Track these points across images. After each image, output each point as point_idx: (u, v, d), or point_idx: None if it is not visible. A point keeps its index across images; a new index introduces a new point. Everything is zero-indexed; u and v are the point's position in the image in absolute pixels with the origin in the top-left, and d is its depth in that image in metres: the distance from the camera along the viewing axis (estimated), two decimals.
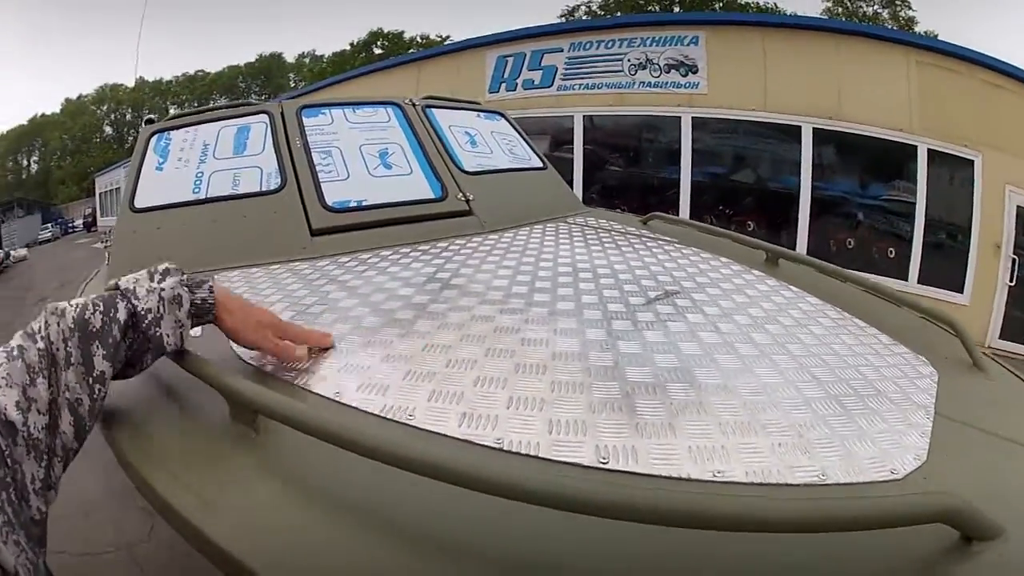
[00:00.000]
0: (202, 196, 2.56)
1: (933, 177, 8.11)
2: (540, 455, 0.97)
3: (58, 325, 0.91)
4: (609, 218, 3.05)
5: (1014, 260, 7.91)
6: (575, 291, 1.73)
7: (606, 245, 2.37)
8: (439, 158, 2.92)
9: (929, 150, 7.98)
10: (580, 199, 4.36)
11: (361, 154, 2.84)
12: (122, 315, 0.98)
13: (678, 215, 8.97)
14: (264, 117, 2.85)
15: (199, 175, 2.66)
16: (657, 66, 9.25)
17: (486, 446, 0.99)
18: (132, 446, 1.05)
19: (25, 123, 78.78)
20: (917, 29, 25.10)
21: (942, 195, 8.21)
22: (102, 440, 1.08)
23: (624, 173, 10.22)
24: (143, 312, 1.01)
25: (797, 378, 1.24)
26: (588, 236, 2.55)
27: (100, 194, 38.46)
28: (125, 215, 2.57)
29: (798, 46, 8.57)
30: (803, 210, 8.64)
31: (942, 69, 7.91)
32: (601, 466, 0.94)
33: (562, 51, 10.03)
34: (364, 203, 2.63)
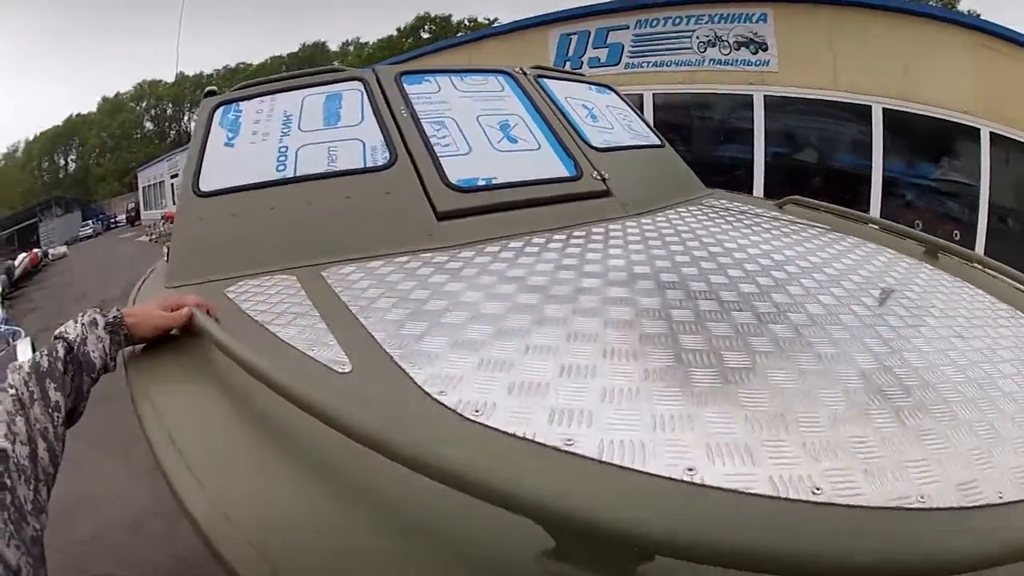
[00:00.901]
0: (290, 174, 2.22)
1: (996, 160, 8.05)
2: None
3: (19, 374, 1.05)
4: (742, 200, 2.80)
5: None
6: (777, 283, 1.57)
7: (762, 231, 2.17)
8: (566, 132, 2.62)
9: (991, 134, 7.93)
10: None
11: (480, 125, 2.50)
12: (61, 351, 1.15)
13: (752, 194, 9.14)
14: (358, 84, 2.54)
15: (283, 150, 2.31)
16: (727, 43, 9.25)
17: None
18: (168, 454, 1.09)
19: (60, 124, 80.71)
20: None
21: (1006, 179, 8.19)
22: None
23: (691, 152, 9.83)
24: (73, 338, 1.19)
25: None
26: (735, 220, 2.34)
27: (143, 188, 39.15)
28: (188, 201, 2.20)
29: (864, 25, 8.48)
30: (875, 190, 8.61)
31: (1001, 53, 7.88)
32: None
33: (628, 28, 9.94)
34: (494, 181, 2.30)
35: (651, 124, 3.27)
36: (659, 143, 3.10)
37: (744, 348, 1.19)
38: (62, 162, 79.27)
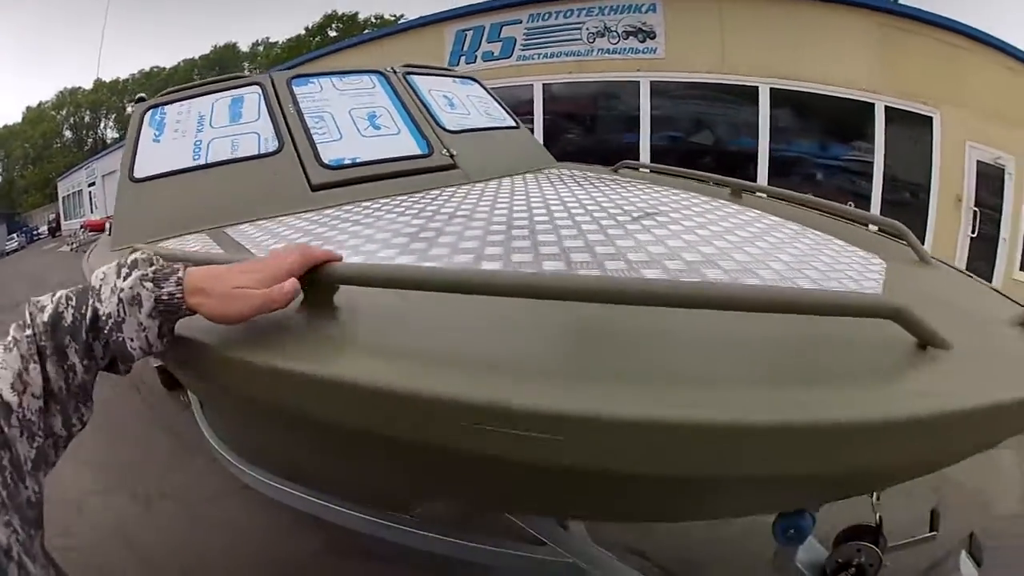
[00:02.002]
0: (203, 161, 2.77)
1: (891, 135, 8.37)
2: None
3: (40, 318, 0.93)
4: (582, 168, 3.30)
5: (975, 213, 8.20)
6: (569, 214, 1.97)
7: (585, 186, 2.56)
8: (423, 119, 3.15)
9: (887, 107, 8.24)
10: None
11: (351, 117, 3.06)
12: (88, 314, 0.94)
13: None
14: (256, 88, 3.07)
15: (198, 143, 2.87)
16: (615, 33, 9.48)
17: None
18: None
19: None
20: None
21: (901, 152, 8.50)
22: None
23: (586, 140, 10.51)
24: (104, 317, 0.95)
25: (766, 259, 1.50)
26: (567, 181, 2.75)
27: (63, 198, 38.15)
28: (125, 186, 2.79)
29: (756, 9, 8.75)
30: (761, 169, 8.90)
31: (902, 31, 8.14)
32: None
33: (521, 22, 10.24)
34: (358, 159, 2.85)
35: (509, 110, 3.79)
36: (514, 125, 3.67)
37: (533, 249, 1.60)
38: None
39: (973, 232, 8.21)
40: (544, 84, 10.29)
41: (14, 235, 44.51)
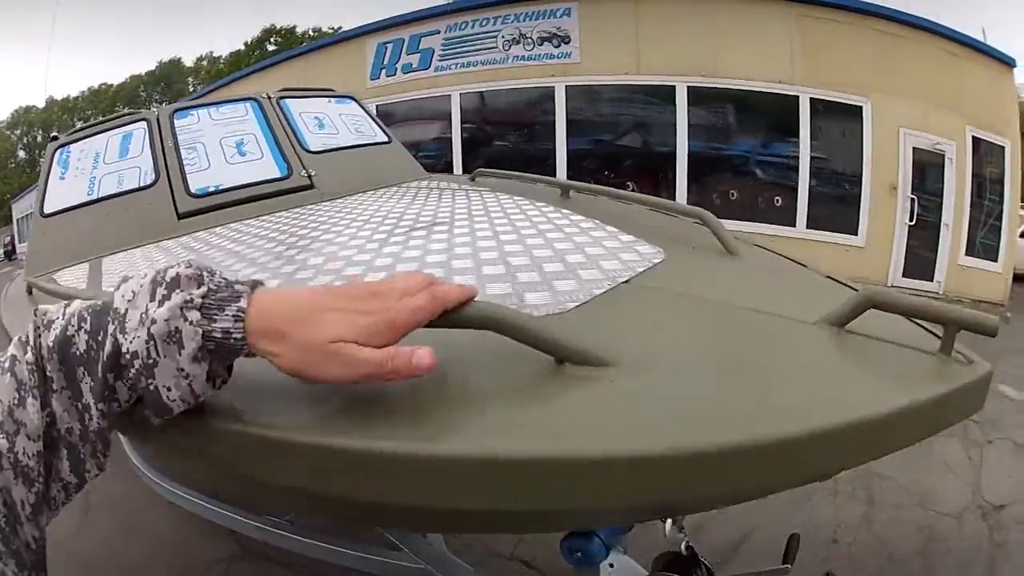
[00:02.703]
0: (95, 196, 3.05)
1: (817, 126, 8.34)
2: None
3: (44, 339, 0.73)
4: (441, 180, 3.43)
5: (912, 200, 8.22)
6: (371, 230, 2.09)
7: (415, 198, 2.71)
8: (287, 142, 3.36)
9: (812, 99, 8.22)
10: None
11: (221, 146, 3.28)
12: (107, 347, 0.69)
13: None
14: (143, 124, 3.31)
15: (92, 179, 3.15)
16: (530, 40, 9.64)
17: None
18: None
19: None
20: None
21: (829, 142, 8.49)
22: None
23: (507, 148, 10.56)
24: (128, 355, 0.68)
25: (526, 252, 1.56)
26: (405, 194, 2.90)
27: (17, 220, 37.63)
28: (37, 221, 3.10)
29: (671, 9, 8.76)
30: (680, 168, 8.88)
31: (826, 21, 8.12)
32: None
33: (439, 33, 10.28)
34: (220, 187, 3.08)
35: (382, 125, 3.95)
36: (385, 140, 3.82)
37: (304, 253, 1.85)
38: None
39: (911, 220, 8.20)
40: (461, 94, 10.31)
41: None
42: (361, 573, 2.40)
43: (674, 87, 8.73)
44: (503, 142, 10.63)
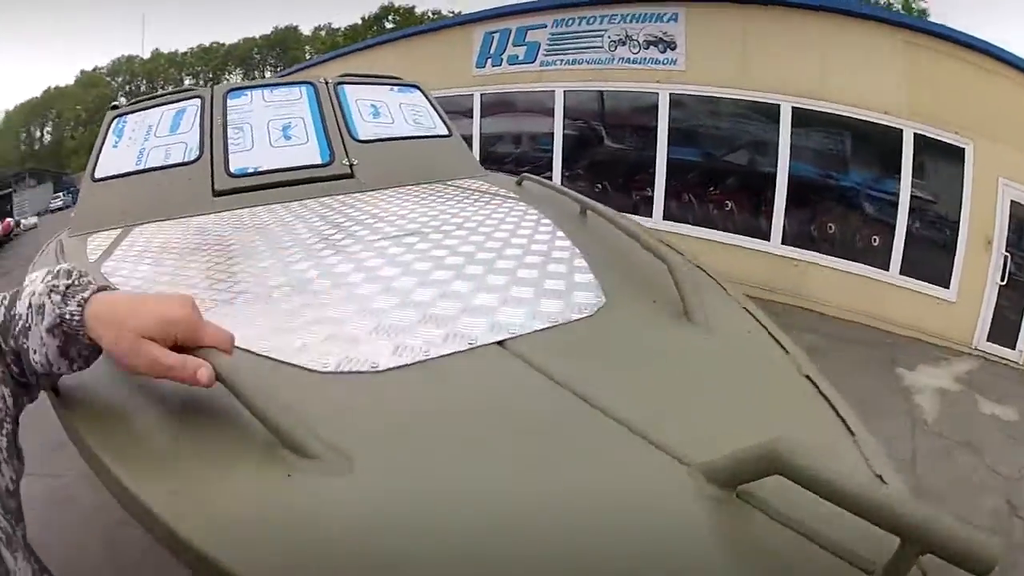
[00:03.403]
0: (141, 167, 3.19)
1: (919, 164, 7.77)
2: None
3: None
4: (486, 180, 3.39)
5: (1006, 257, 7.44)
6: (371, 230, 2.21)
7: (436, 200, 2.77)
8: (335, 129, 3.43)
9: (916, 135, 7.64)
10: (558, 174, 6.04)
11: (267, 128, 3.40)
12: (11, 315, 0.88)
13: (653, 194, 9.37)
14: (197, 101, 3.46)
15: (142, 150, 3.30)
16: (636, 42, 9.47)
17: None
18: (92, 430, 1.00)
19: (38, 96, 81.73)
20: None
21: (930, 183, 7.89)
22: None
23: (616, 151, 10.41)
24: (16, 317, 0.88)
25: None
26: (434, 194, 2.95)
27: None
28: (87, 184, 3.25)
29: (780, 23, 8.44)
30: (780, 192, 8.55)
31: (932, 51, 7.56)
32: None
33: (545, 27, 10.28)
34: (259, 168, 3.19)
35: (445, 118, 3.92)
36: (445, 134, 3.82)
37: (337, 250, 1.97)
38: (38, 134, 79.60)
39: (1003, 279, 7.42)
40: (566, 91, 10.39)
41: (59, 194, 46.37)
42: None
43: (778, 105, 8.40)
44: (616, 144, 10.44)
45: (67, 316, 0.85)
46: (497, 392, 1.08)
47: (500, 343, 1.21)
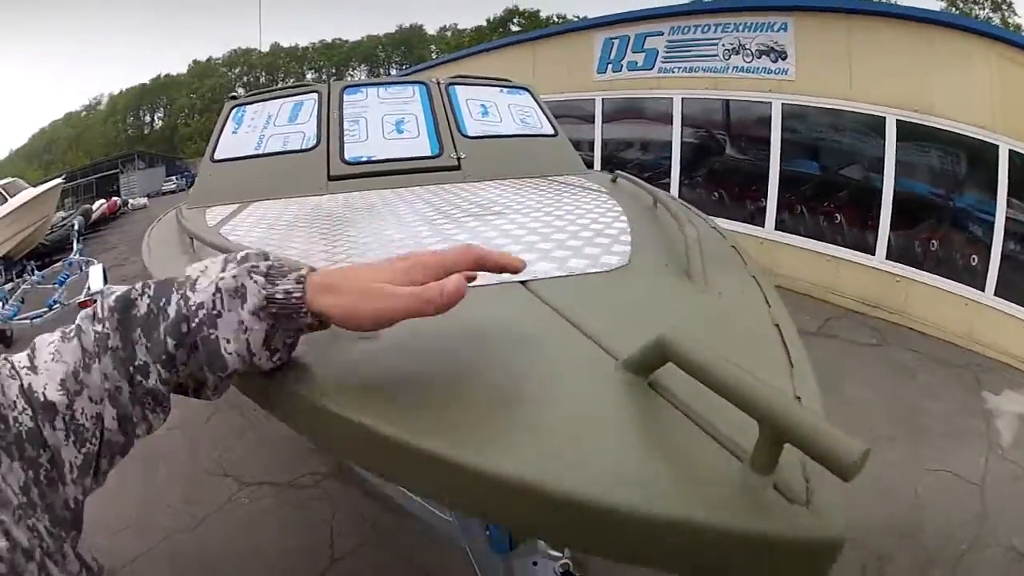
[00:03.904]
0: (261, 152, 3.66)
1: (1016, 182, 7.69)
2: None
3: (106, 301, 0.84)
4: (585, 177, 3.62)
5: None
6: (462, 210, 2.46)
7: (531, 191, 2.98)
8: (446, 124, 3.80)
9: (1011, 152, 7.61)
10: (676, 181, 6.91)
11: (381, 122, 3.79)
12: (171, 308, 0.81)
13: (765, 205, 9.75)
14: (315, 95, 3.94)
15: (261, 137, 3.74)
16: (749, 51, 9.94)
17: None
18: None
19: (147, 82, 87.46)
20: None
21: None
22: None
23: (731, 160, 10.87)
24: (194, 307, 0.80)
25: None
26: (531, 187, 3.17)
27: None
28: (206, 164, 3.72)
29: (882, 32, 8.64)
30: (885, 206, 8.71)
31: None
32: None
33: (663, 34, 10.96)
34: (372, 158, 3.58)
35: (551, 117, 4.32)
36: (551, 133, 4.19)
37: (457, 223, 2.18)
38: (148, 119, 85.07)
39: None
40: (683, 98, 10.92)
41: (172, 177, 49.88)
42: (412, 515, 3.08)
43: (884, 118, 8.56)
44: (737, 154, 10.82)
45: (281, 296, 0.81)
46: (502, 310, 1.27)
47: (523, 283, 1.40)
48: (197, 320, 0.80)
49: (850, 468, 0.56)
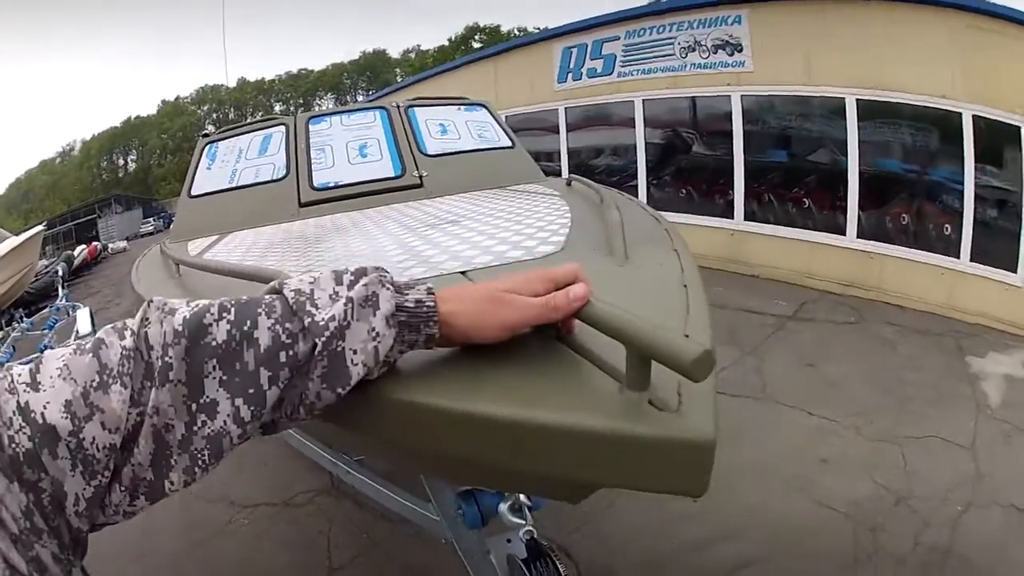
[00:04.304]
0: (235, 184, 3.85)
1: (986, 150, 7.76)
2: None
3: (161, 325, 0.73)
4: (542, 183, 3.80)
5: None
6: (422, 223, 2.56)
7: (483, 201, 3.13)
8: (407, 145, 3.99)
9: (975, 117, 7.68)
10: (643, 183, 7.59)
11: (346, 148, 4.00)
12: (263, 337, 0.75)
13: (733, 195, 9.89)
14: (282, 128, 4.14)
15: (234, 171, 3.93)
16: (705, 47, 10.06)
17: None
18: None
19: (118, 125, 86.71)
20: None
21: (993, 168, 7.92)
22: None
23: (698, 157, 11.05)
24: (322, 323, 0.76)
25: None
26: (490, 196, 3.31)
27: None
28: (184, 201, 3.93)
29: (835, 16, 8.72)
30: (852, 186, 8.85)
31: (990, 32, 7.57)
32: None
33: (619, 39, 11.13)
34: (339, 183, 3.79)
35: (508, 131, 4.53)
36: (509, 145, 4.40)
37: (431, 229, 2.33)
38: (121, 162, 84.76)
39: None
40: (644, 100, 11.09)
41: (150, 219, 50.19)
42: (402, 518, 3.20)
43: (844, 99, 8.70)
44: (705, 150, 10.97)
45: (411, 304, 0.82)
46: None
47: (463, 272, 1.57)
48: (327, 335, 0.77)
49: (694, 367, 0.67)
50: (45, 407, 0.66)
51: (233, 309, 0.76)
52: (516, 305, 0.87)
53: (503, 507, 2.16)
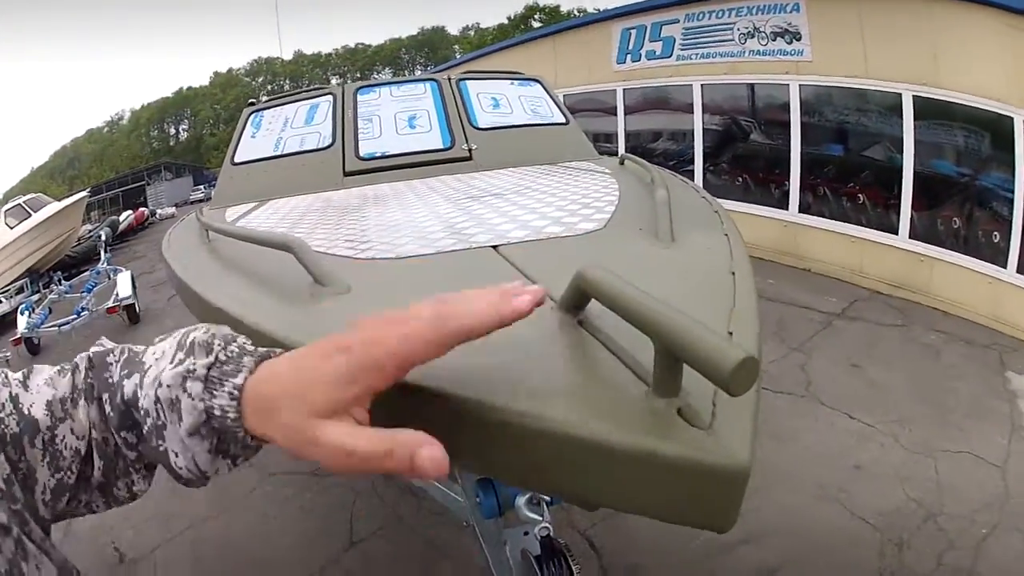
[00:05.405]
0: (279, 153, 3.88)
1: None
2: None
3: (90, 351, 0.80)
4: (594, 161, 3.71)
5: None
6: (467, 195, 2.55)
7: (532, 176, 3.07)
8: (457, 118, 3.99)
9: None
10: (700, 168, 7.40)
11: (395, 119, 4.00)
12: (126, 396, 0.73)
13: (788, 186, 9.88)
14: (330, 97, 4.17)
15: (279, 139, 3.96)
16: (764, 34, 10.03)
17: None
18: None
19: (170, 95, 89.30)
20: None
21: None
22: None
23: (756, 145, 11.01)
24: (143, 412, 0.71)
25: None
26: (540, 172, 3.25)
27: None
28: (227, 167, 3.95)
29: (892, 7, 8.53)
30: (906, 185, 8.66)
31: None
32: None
33: (678, 22, 11.19)
34: (386, 153, 3.77)
35: (563, 106, 4.49)
36: (562, 121, 4.34)
37: (476, 201, 2.30)
38: (172, 131, 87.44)
39: None
40: (703, 85, 11.13)
41: (200, 187, 51.27)
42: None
43: (899, 95, 8.51)
44: (763, 139, 10.88)
45: (217, 412, 0.66)
46: (470, 267, 1.41)
47: (495, 247, 1.51)
48: (146, 428, 0.71)
49: (732, 378, 0.52)
50: (32, 405, 0.72)
51: (126, 355, 0.79)
52: (331, 455, 0.60)
53: (520, 500, 2.08)
